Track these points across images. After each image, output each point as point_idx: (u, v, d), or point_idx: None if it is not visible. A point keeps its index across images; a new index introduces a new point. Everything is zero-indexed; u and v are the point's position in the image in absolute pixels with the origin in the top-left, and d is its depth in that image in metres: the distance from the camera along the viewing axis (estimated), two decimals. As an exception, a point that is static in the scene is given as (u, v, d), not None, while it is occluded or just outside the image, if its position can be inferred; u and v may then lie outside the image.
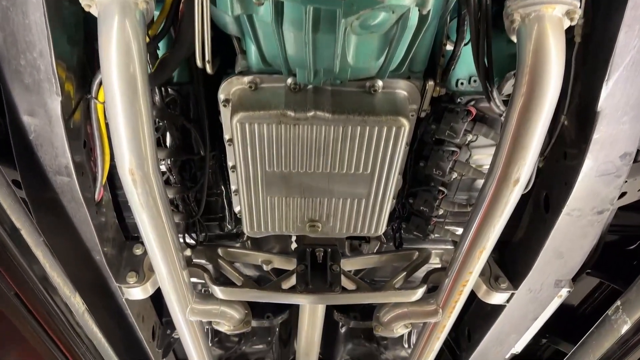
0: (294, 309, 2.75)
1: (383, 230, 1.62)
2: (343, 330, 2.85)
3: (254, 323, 2.58)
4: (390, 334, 2.13)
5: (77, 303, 1.65)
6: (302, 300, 1.81)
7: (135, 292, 1.81)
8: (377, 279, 2.55)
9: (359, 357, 3.01)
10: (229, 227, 2.03)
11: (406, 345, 2.89)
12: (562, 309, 2.38)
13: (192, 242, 1.90)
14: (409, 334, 2.86)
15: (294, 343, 3.04)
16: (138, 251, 1.85)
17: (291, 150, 1.32)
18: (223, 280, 1.92)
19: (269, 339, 2.89)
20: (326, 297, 1.79)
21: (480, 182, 1.87)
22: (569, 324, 2.51)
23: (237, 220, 2.04)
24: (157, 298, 2.37)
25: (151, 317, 2.30)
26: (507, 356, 2.38)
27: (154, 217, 1.37)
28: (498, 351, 2.28)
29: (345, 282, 1.86)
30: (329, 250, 1.81)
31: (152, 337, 2.31)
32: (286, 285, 1.85)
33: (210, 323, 2.59)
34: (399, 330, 2.13)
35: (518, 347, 2.38)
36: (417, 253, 1.95)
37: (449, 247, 2.02)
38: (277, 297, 1.81)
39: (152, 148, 1.23)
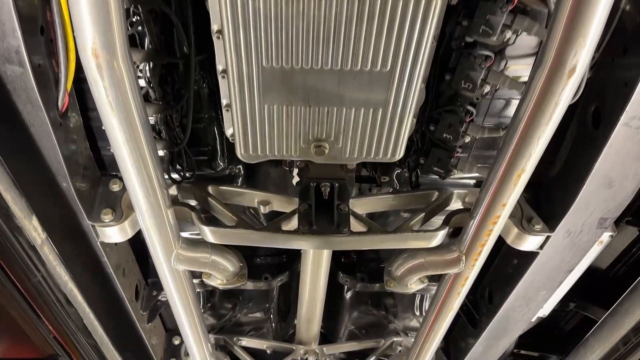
0: (295, 271, 2.54)
1: (400, 155, 1.39)
2: (348, 295, 2.64)
3: (249, 285, 2.37)
4: (403, 289, 1.92)
5: (35, 230, 1.42)
6: (305, 244, 1.59)
7: (112, 233, 1.58)
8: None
9: (365, 326, 2.80)
10: (221, 164, 1.81)
11: (417, 313, 2.68)
12: (594, 269, 2.18)
13: (178, 177, 1.68)
14: (421, 299, 2.64)
15: (294, 319, 2.83)
16: (115, 187, 1.62)
17: (293, 35, 1.09)
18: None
19: (267, 305, 2.68)
20: (332, 241, 1.57)
21: (514, 105, 1.63)
22: (600, 286, 2.30)
23: (231, 157, 1.82)
24: (141, 255, 2.16)
25: (134, 274, 2.08)
26: (534, 319, 2.17)
27: (127, 122, 1.15)
28: (524, 313, 2.07)
29: (354, 225, 1.64)
30: (336, 185, 1.59)
31: (135, 296, 2.09)
32: (287, 227, 1.63)
33: (201, 285, 2.38)
34: (413, 285, 1.92)
35: (546, 308, 2.18)
36: (436, 193, 1.73)
37: (473, 187, 1.79)
38: (275, 240, 1.59)
39: (121, 25, 1.00)
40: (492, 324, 2.17)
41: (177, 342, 2.66)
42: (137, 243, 2.07)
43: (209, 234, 1.60)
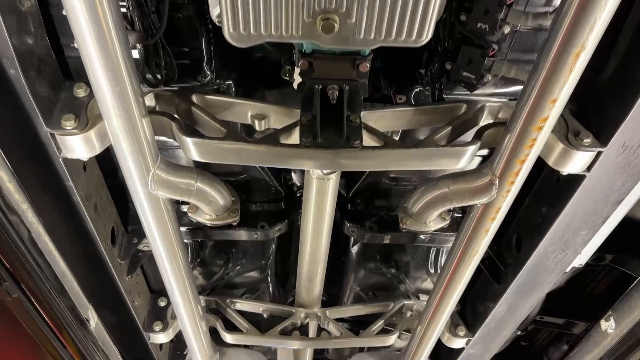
0: (294, 224, 2.29)
1: (428, 37, 1.13)
2: (355, 250, 2.39)
3: (243, 235, 2.12)
4: (420, 227, 1.68)
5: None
6: (308, 163, 1.34)
7: (76, 145, 1.33)
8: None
9: (373, 288, 2.56)
10: (208, 73, 1.55)
11: (432, 270, 2.44)
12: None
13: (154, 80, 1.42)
14: (437, 254, 2.40)
15: (294, 282, 2.59)
16: (81, 92, 1.37)
17: None
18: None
19: (263, 262, 2.44)
20: (341, 157, 1.32)
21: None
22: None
23: (220, 65, 1.57)
24: (120, 200, 1.91)
25: (109, 215, 1.83)
26: (569, 268, 1.93)
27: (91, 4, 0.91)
28: (558, 260, 1.83)
29: (367, 140, 1.39)
30: (346, 88, 1.33)
31: (111, 240, 1.84)
32: (286, 140, 1.38)
33: (189, 235, 2.13)
34: (433, 223, 1.68)
35: (584, 255, 1.94)
36: (464, 106, 1.48)
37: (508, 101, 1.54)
38: (272, 157, 1.34)
39: None
40: (519, 276, 1.93)
41: (162, 303, 2.42)
42: (114, 187, 1.84)
43: (192, 147, 1.34)
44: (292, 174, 2.14)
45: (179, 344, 3.01)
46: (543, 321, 2.68)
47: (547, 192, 1.71)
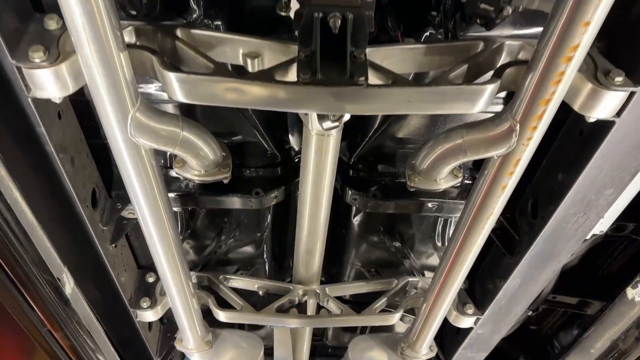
0: (292, 193, 2.16)
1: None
2: (357, 222, 2.26)
3: (236, 202, 1.98)
4: (430, 185, 1.55)
5: None
6: (306, 104, 1.21)
7: (46, 81, 1.19)
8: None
9: (375, 264, 2.43)
10: (195, 9, 1.41)
11: (439, 243, 2.31)
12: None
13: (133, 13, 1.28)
14: (444, 225, 2.26)
15: (291, 258, 2.45)
16: (52, 23, 1.23)
17: None
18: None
19: (258, 235, 2.30)
20: (345, 97, 1.19)
21: None
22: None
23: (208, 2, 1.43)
24: (104, 165, 1.78)
25: (89, 174, 1.70)
26: (589, 235, 1.80)
27: None
28: (579, 225, 1.69)
29: (372, 78, 1.25)
30: (350, 17, 1.19)
31: (91, 202, 1.70)
32: (282, 77, 1.24)
33: (179, 202, 1.99)
34: (444, 181, 1.55)
35: (607, 220, 1.80)
36: (481, 44, 1.34)
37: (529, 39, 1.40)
38: (266, 98, 1.20)
39: None
40: (535, 245, 1.79)
41: (151, 279, 2.29)
42: (97, 148, 1.70)
43: (176, 84, 1.20)
44: (290, 136, 2.00)
45: (170, 326, 2.88)
46: (555, 301, 2.55)
47: (568, 148, 1.58)
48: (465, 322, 2.29)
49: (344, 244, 2.40)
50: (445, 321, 2.49)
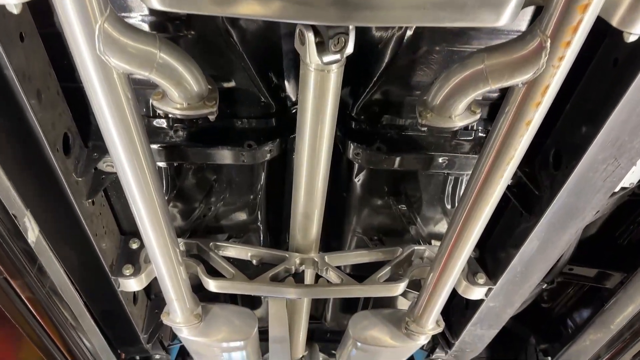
0: (287, 148, 1.99)
1: None
2: (359, 182, 2.09)
3: (227, 157, 1.81)
4: (444, 123, 1.39)
5: None
6: (307, 13, 1.04)
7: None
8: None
9: (378, 231, 2.26)
10: None
11: (449, 206, 2.14)
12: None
13: None
14: (454, 185, 2.09)
15: (287, 224, 2.28)
16: None
17: None
18: None
19: (251, 197, 2.13)
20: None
21: None
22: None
23: None
24: (80, 112, 1.61)
25: (61, 112, 1.52)
26: (618, 188, 1.63)
27: None
28: (607, 175, 1.53)
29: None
30: None
31: (63, 147, 1.53)
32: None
33: (163, 155, 1.82)
34: (459, 118, 1.38)
35: (636, 173, 1.64)
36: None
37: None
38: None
39: None
40: (557, 200, 1.63)
41: (134, 245, 2.13)
42: (70, 90, 1.54)
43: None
44: (286, 82, 1.83)
45: (158, 302, 2.72)
46: (572, 273, 2.39)
47: (600, 81, 1.41)
48: (475, 293, 2.13)
49: (344, 209, 2.23)
50: (453, 296, 2.34)
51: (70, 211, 1.67)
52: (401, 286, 2.12)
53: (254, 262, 2.20)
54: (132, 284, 2.07)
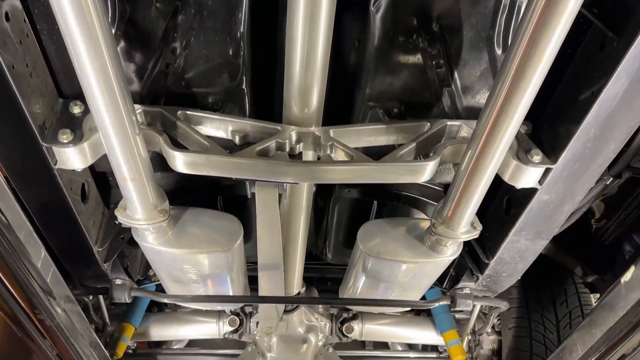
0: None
1: None
2: (378, 14, 1.58)
3: None
4: None
5: None
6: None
7: None
8: None
9: (399, 99, 1.77)
10: None
11: (499, 51, 1.63)
12: None
13: None
14: (509, 17, 1.58)
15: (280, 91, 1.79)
16: None
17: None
18: None
19: (231, 35, 1.62)
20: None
21: None
22: None
23: None
24: None
25: None
26: None
27: None
28: None
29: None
30: None
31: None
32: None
33: None
34: None
35: None
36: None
37: None
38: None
39: None
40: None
41: (77, 109, 1.64)
42: None
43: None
44: None
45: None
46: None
47: None
48: (527, 177, 1.65)
49: (356, 65, 1.75)
50: (489, 202, 1.87)
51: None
52: (430, 166, 1.64)
53: (236, 139, 1.72)
54: (72, 158, 1.59)
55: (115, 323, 2.99)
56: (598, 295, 2.66)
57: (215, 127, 1.72)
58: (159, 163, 2.06)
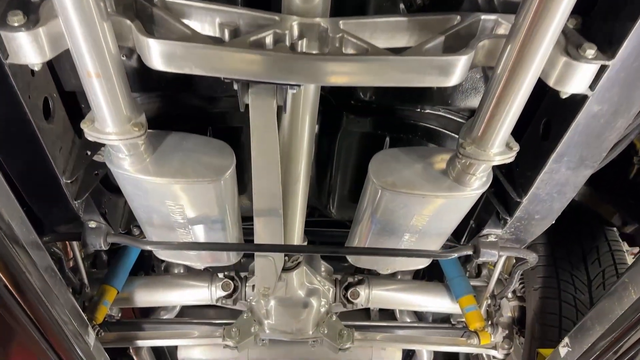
0: None
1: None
2: None
3: None
4: None
5: None
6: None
7: None
8: None
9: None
10: None
11: None
12: None
13: None
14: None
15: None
16: None
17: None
18: None
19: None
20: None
21: None
22: None
23: None
24: None
25: None
26: None
27: None
28: None
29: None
30: None
31: None
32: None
33: None
34: None
35: None
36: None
37: None
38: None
39: None
40: None
41: (32, -8, 1.35)
42: None
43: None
44: None
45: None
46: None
47: None
48: (578, 76, 1.38)
49: None
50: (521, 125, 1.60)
51: None
52: (462, 61, 1.36)
53: (226, 34, 1.44)
54: (25, 47, 1.31)
55: (95, 287, 2.72)
56: (636, 250, 2.40)
57: (200, 18, 1.45)
58: (135, 81, 1.81)
